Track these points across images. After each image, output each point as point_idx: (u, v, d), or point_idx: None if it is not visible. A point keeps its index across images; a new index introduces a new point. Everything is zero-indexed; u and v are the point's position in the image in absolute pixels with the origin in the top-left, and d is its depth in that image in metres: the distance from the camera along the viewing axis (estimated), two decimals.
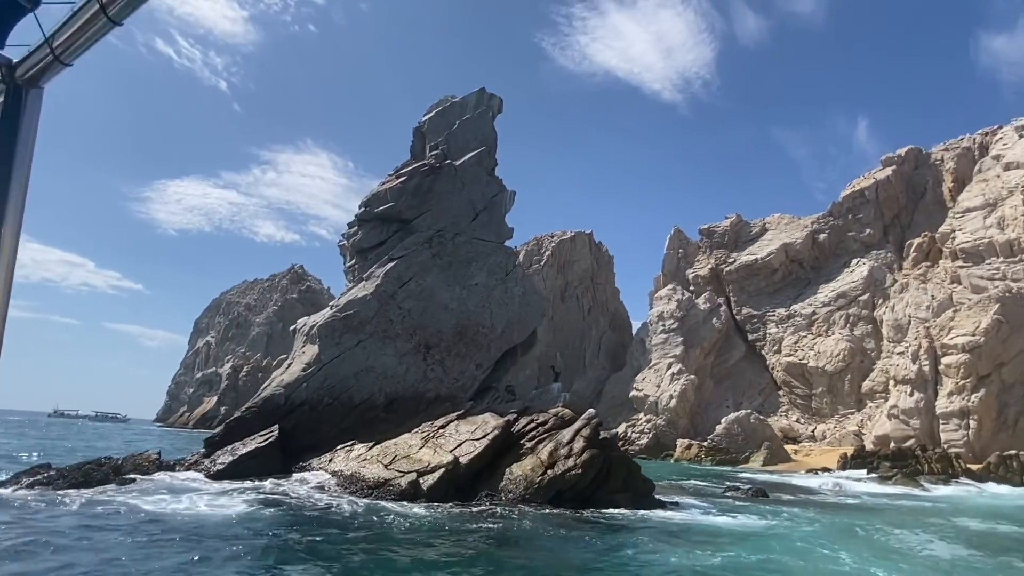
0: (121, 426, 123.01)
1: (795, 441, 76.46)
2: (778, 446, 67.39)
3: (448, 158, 36.52)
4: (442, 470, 21.84)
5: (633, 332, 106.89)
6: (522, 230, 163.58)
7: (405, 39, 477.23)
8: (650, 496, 23.97)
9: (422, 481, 21.54)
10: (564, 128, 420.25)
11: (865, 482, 45.47)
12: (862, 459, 56.14)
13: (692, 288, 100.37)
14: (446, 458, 22.47)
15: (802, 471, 56.87)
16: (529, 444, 23.81)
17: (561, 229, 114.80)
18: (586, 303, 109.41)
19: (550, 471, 22.07)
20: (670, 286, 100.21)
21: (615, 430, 77.04)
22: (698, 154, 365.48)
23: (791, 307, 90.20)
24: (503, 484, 22.24)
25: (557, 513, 20.05)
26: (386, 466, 23.08)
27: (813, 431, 78.94)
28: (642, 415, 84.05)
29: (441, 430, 25.07)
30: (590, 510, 21.03)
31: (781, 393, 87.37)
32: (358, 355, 29.54)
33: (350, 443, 26.10)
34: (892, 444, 59.28)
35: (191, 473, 24.57)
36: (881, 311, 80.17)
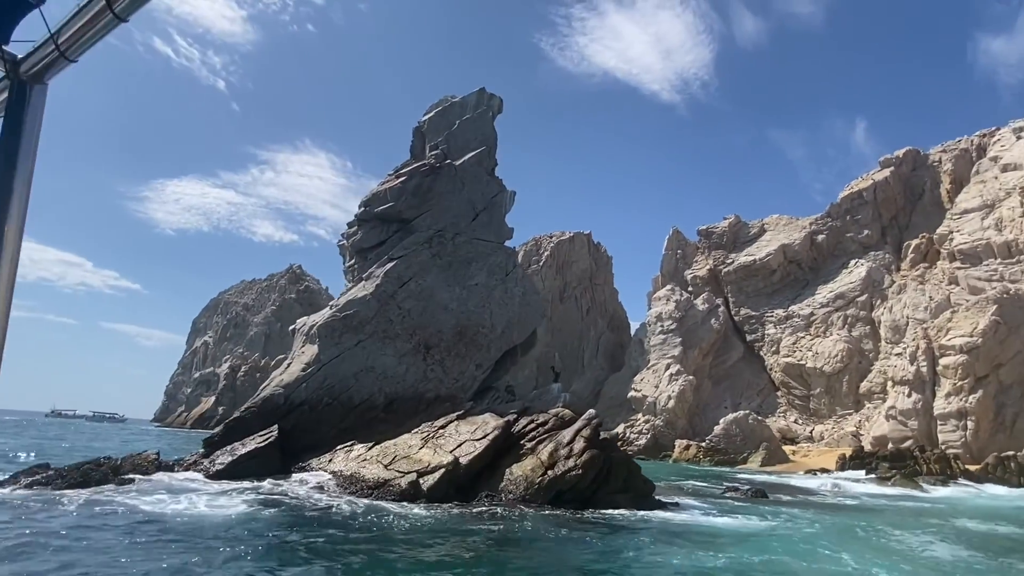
0: (118, 426, 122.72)
1: (793, 442, 76.49)
2: (776, 447, 67.41)
3: (448, 158, 36.48)
4: (442, 470, 21.82)
5: (631, 333, 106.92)
6: (521, 231, 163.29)
7: (404, 39, 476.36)
8: (650, 497, 23.94)
9: (422, 481, 21.51)
10: (562, 128, 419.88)
11: (864, 483, 45.44)
12: (860, 460, 56.14)
13: (690, 289, 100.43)
14: (446, 458, 22.44)
15: (800, 472, 56.85)
16: (529, 444, 23.78)
17: (559, 230, 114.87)
18: (584, 304, 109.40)
19: (550, 472, 22.04)
20: (668, 287, 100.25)
21: (614, 431, 77.29)
22: (697, 155, 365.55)
23: (789, 308, 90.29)
24: (503, 484, 22.20)
25: (557, 514, 20.01)
26: (386, 466, 23.04)
27: (811, 432, 79.00)
28: (640, 416, 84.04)
29: (441, 430, 25.04)
30: (590, 511, 20.99)
31: (779, 394, 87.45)
32: (358, 355, 29.50)
33: (350, 443, 26.06)
34: (890, 445, 59.32)
35: (190, 473, 24.53)
36: (879, 312, 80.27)
